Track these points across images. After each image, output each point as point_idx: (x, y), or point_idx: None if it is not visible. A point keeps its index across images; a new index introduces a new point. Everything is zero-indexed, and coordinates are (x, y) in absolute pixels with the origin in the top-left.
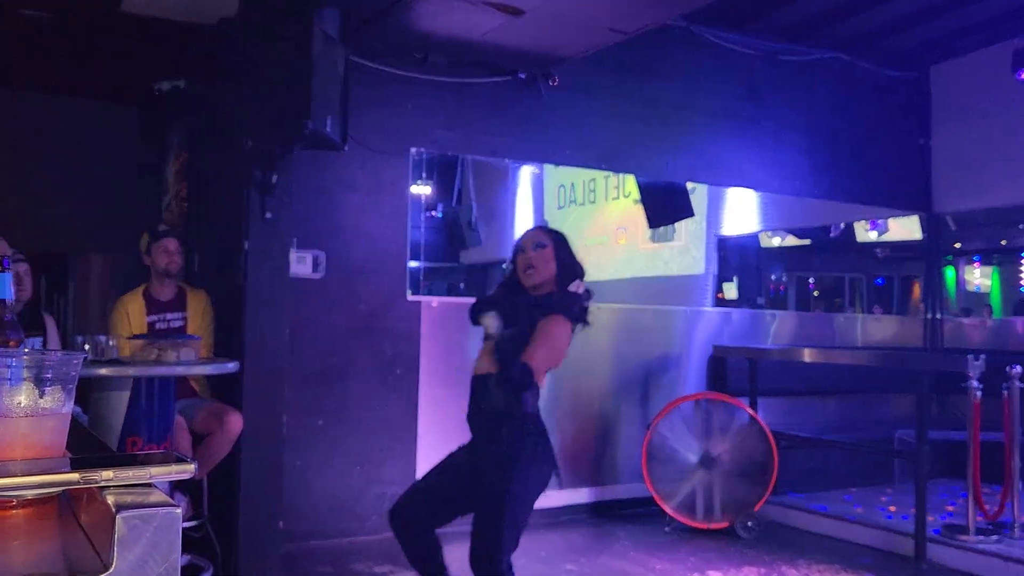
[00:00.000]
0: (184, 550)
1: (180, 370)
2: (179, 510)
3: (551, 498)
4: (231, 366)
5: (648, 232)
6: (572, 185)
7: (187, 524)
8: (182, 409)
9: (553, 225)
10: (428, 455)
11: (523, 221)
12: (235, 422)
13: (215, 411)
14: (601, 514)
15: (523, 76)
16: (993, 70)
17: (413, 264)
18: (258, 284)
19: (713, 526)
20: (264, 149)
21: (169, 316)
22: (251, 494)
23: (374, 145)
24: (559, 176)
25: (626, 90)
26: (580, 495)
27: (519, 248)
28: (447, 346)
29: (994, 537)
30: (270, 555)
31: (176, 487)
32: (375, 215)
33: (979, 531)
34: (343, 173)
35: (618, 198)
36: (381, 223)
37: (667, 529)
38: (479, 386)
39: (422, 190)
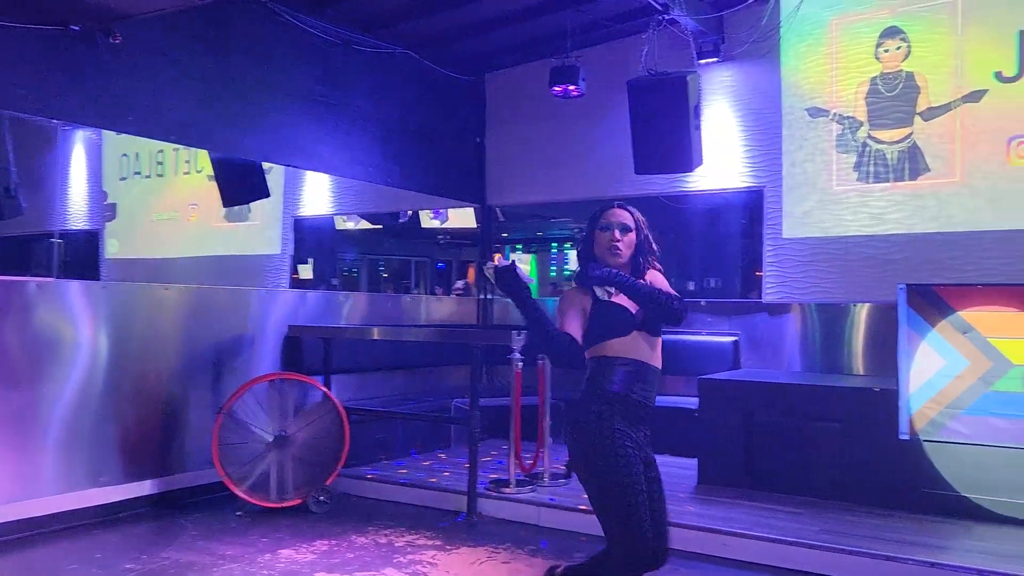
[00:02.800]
0: None
1: None
2: None
3: (105, 493)
4: None
5: (223, 210)
6: (137, 155)
7: None
8: None
9: (115, 197)
10: None
11: (77, 190)
12: None
13: None
14: (168, 505)
15: (77, 28)
16: (533, 83)
17: None
18: None
19: (286, 504)
20: None
21: None
22: None
23: None
24: (122, 144)
25: (202, 61)
26: (142, 487)
27: (606, 226)
28: None
29: (529, 487)
30: None
31: None
32: None
33: (518, 483)
34: None
35: (190, 173)
36: None
37: (239, 514)
38: (648, 375)
39: None
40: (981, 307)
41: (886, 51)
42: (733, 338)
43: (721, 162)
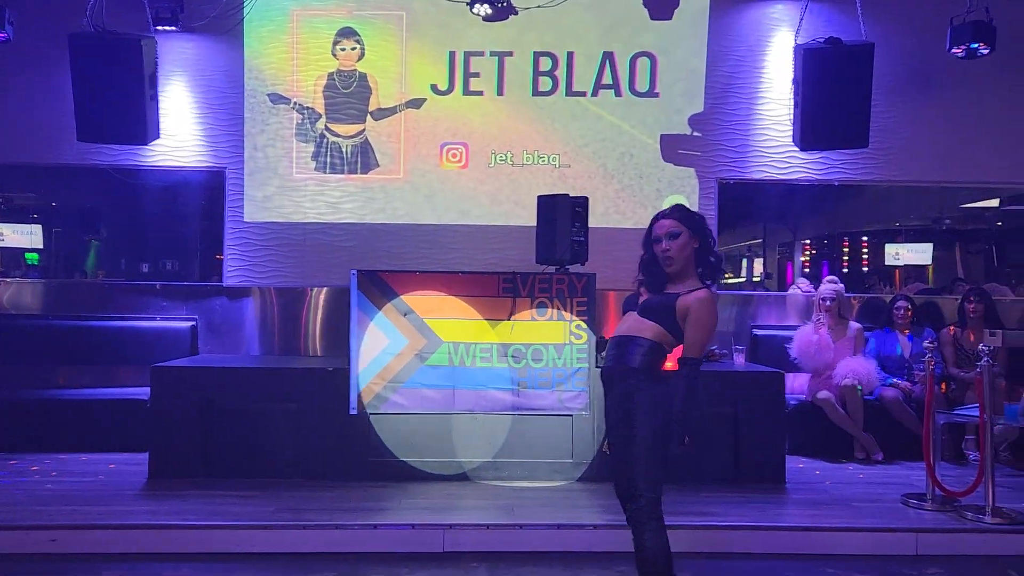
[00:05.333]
0: None
1: None
2: None
3: None
4: None
5: None
6: None
7: None
8: None
9: None
10: None
11: None
12: None
13: None
14: None
15: None
16: None
17: None
18: None
19: None
20: None
21: None
22: None
23: None
24: None
25: None
26: None
27: (656, 239)
28: None
29: None
30: None
31: None
32: None
33: None
34: None
35: None
36: None
37: None
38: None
39: None
40: (419, 291)
41: (342, 49)
42: (191, 323)
43: (181, 138)
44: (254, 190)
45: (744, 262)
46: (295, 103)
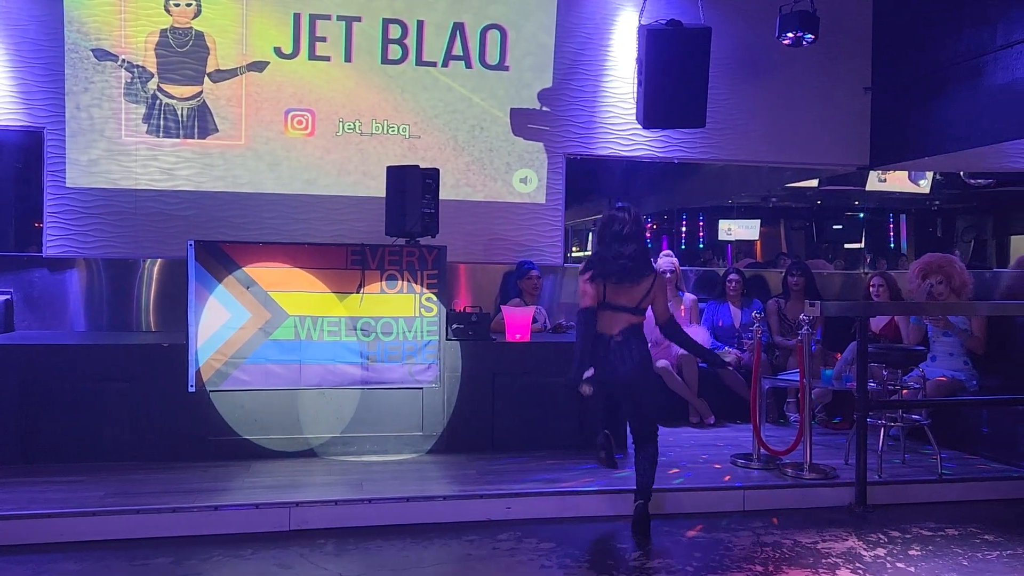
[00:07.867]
0: None
1: None
2: None
3: None
4: None
5: None
6: None
7: None
8: None
9: None
10: None
11: None
12: None
13: None
14: None
15: None
16: None
17: None
18: None
19: None
20: None
21: None
22: None
23: None
24: None
25: None
26: None
27: None
28: None
29: None
30: None
31: None
32: None
33: None
34: None
35: None
36: None
37: None
38: None
39: None
40: (262, 263)
41: (176, 5)
42: (5, 297)
43: None
44: (78, 153)
45: (591, 236)
46: (123, 60)
